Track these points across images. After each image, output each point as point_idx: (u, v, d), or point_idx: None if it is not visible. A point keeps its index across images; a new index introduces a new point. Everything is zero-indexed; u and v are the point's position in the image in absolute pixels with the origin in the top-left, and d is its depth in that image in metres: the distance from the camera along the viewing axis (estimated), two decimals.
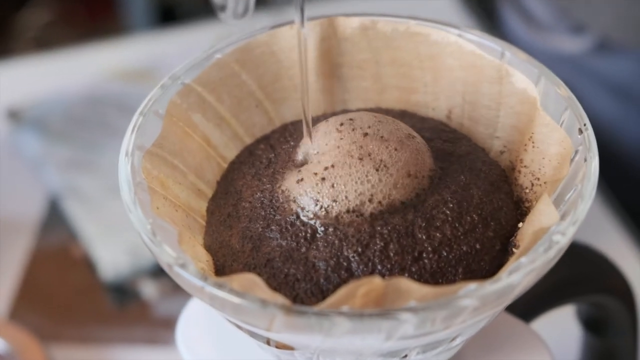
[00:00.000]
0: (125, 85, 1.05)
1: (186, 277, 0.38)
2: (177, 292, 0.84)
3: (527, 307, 0.53)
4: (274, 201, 0.43)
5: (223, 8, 0.43)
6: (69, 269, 0.87)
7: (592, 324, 0.60)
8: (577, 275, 0.54)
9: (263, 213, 0.43)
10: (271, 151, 0.47)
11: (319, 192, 0.42)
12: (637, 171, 0.93)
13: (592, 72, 0.91)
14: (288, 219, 0.42)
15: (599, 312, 0.59)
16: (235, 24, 0.45)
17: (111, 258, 0.86)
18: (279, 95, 0.49)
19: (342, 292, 0.36)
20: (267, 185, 0.44)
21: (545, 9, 0.95)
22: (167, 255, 0.39)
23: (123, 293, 0.84)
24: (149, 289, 0.84)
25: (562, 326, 0.61)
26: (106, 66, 1.08)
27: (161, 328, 0.82)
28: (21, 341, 0.76)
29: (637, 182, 0.93)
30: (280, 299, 0.36)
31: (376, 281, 0.36)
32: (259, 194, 0.44)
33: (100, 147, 0.97)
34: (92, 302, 0.84)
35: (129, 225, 0.87)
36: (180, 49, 1.08)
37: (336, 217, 0.41)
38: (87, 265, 0.87)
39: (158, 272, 0.85)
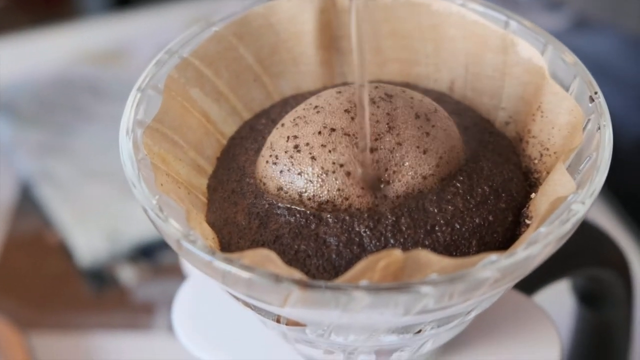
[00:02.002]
0: (94, 68, 1.04)
1: (196, 252, 0.37)
2: (156, 277, 0.83)
3: (526, 282, 0.52)
4: None
5: None
6: (44, 256, 0.86)
7: (587, 298, 0.60)
8: (575, 248, 0.54)
9: None
10: (273, 126, 0.45)
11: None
12: (616, 148, 0.93)
13: (569, 49, 0.90)
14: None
15: (594, 286, 0.59)
16: None
17: (88, 244, 0.85)
18: (276, 69, 0.48)
19: (360, 265, 0.35)
20: None
21: None
22: (175, 231, 0.38)
23: (101, 279, 0.83)
24: (127, 274, 0.83)
25: (555, 300, 0.61)
26: (72, 49, 1.06)
27: (140, 313, 0.80)
28: (0, 330, 0.75)
29: (617, 159, 0.92)
30: (296, 273, 0.35)
31: (396, 254, 0.35)
32: None
33: (72, 131, 0.96)
34: (69, 289, 0.83)
35: (106, 210, 0.86)
36: (147, 31, 1.07)
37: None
38: (63, 251, 0.85)
39: (136, 257, 0.84)
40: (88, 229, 0.86)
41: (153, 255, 0.84)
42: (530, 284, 0.52)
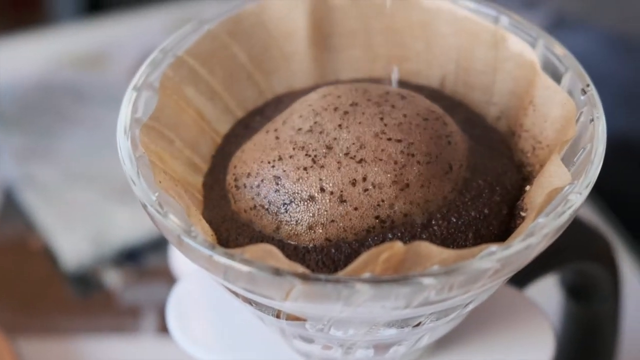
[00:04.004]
0: (75, 73, 1.03)
1: (198, 248, 0.37)
2: (141, 280, 0.83)
3: (517, 276, 0.53)
4: None
5: None
6: (28, 260, 0.85)
7: (576, 292, 0.60)
8: (566, 242, 0.54)
9: None
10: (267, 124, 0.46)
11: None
12: None
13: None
14: None
15: (583, 279, 0.59)
16: None
17: (73, 248, 0.84)
18: (269, 67, 0.49)
19: (362, 258, 0.35)
20: None
21: None
22: (175, 227, 0.38)
23: (86, 283, 0.83)
24: (112, 278, 0.83)
25: (543, 294, 0.61)
26: (53, 54, 1.06)
27: (126, 316, 0.80)
28: None
29: None
30: (299, 267, 0.36)
31: (397, 246, 0.35)
32: None
33: (55, 135, 0.96)
34: (54, 293, 0.82)
35: (90, 213, 0.86)
36: (127, 35, 1.07)
37: None
38: (47, 256, 0.85)
39: (121, 261, 0.84)
40: (72, 233, 0.85)
41: (138, 258, 0.84)
42: (522, 278, 0.53)
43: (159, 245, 0.84)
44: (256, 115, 0.47)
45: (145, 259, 0.84)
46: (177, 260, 0.55)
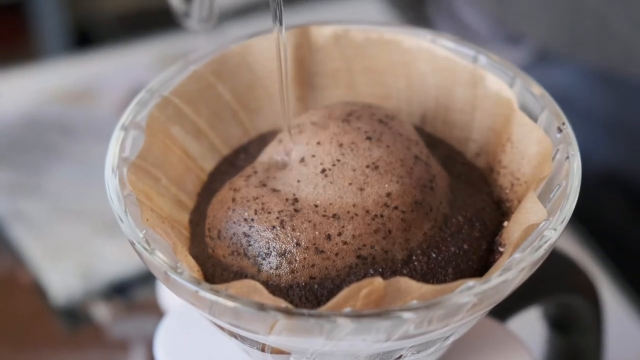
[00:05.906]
0: (63, 108, 1.04)
1: (184, 283, 0.38)
2: (130, 314, 0.83)
3: (499, 309, 0.54)
4: None
5: (187, 15, 0.43)
6: (17, 295, 0.86)
7: (558, 324, 0.61)
8: (545, 276, 0.55)
9: None
10: (252, 161, 0.47)
11: None
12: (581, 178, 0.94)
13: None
14: None
15: (564, 312, 0.60)
16: (200, 30, 0.45)
17: (61, 282, 0.85)
18: (254, 106, 0.50)
19: (343, 294, 0.36)
20: None
21: (480, 20, 0.96)
22: (162, 263, 0.39)
23: (75, 317, 0.83)
24: (101, 312, 0.84)
25: (526, 326, 0.62)
26: (41, 89, 1.06)
27: (116, 350, 0.81)
28: None
29: (581, 189, 0.94)
30: (282, 302, 0.37)
31: (377, 281, 0.36)
32: None
33: (43, 170, 0.96)
34: (44, 328, 0.83)
35: (79, 247, 0.87)
36: (114, 70, 1.08)
37: None
38: (36, 290, 0.85)
39: (110, 294, 0.85)
40: (61, 267, 0.86)
41: (127, 292, 0.85)
42: (503, 310, 0.54)
43: (147, 278, 0.85)
44: (241, 153, 0.48)
45: (134, 293, 0.85)
46: (165, 294, 0.56)
